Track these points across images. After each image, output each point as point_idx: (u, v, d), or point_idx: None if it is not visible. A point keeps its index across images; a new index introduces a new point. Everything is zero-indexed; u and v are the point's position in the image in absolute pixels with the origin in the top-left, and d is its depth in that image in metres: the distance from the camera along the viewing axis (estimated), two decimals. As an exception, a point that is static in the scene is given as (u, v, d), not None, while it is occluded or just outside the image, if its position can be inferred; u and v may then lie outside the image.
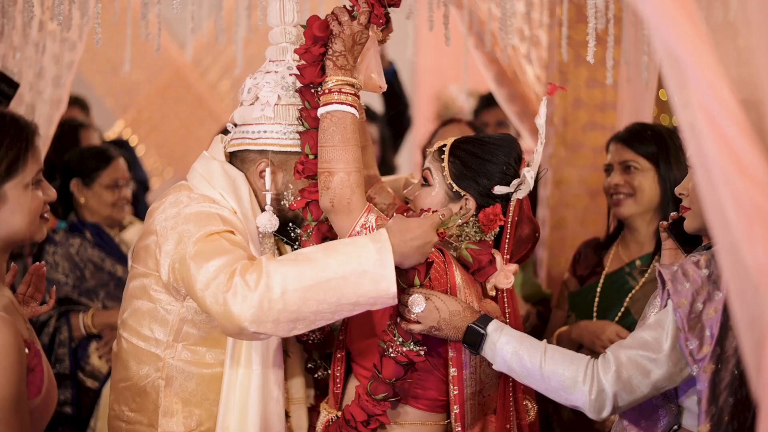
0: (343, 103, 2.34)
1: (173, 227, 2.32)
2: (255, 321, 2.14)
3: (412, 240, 2.22)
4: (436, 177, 2.49)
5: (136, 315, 2.43)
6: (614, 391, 2.15)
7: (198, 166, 2.49)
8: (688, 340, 2.08)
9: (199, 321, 2.38)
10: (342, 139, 2.33)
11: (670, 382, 2.17)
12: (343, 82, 2.36)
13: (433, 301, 2.28)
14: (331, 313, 2.18)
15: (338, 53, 2.36)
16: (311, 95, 2.41)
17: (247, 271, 2.17)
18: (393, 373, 2.33)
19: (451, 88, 7.94)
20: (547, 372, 2.20)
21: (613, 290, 3.19)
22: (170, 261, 2.30)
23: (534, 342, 2.25)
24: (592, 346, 3.08)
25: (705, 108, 1.56)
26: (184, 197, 2.39)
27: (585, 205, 3.99)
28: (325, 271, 2.16)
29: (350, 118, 2.35)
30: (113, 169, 3.90)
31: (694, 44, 1.58)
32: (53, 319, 3.65)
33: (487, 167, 2.45)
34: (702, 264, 2.13)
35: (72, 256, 3.77)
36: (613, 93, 3.94)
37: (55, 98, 3.48)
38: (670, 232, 2.46)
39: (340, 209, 2.32)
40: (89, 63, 6.91)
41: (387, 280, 2.17)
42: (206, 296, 2.18)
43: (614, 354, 2.18)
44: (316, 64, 2.39)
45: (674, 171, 3.07)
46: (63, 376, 3.64)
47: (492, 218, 2.42)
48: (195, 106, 6.83)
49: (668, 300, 2.15)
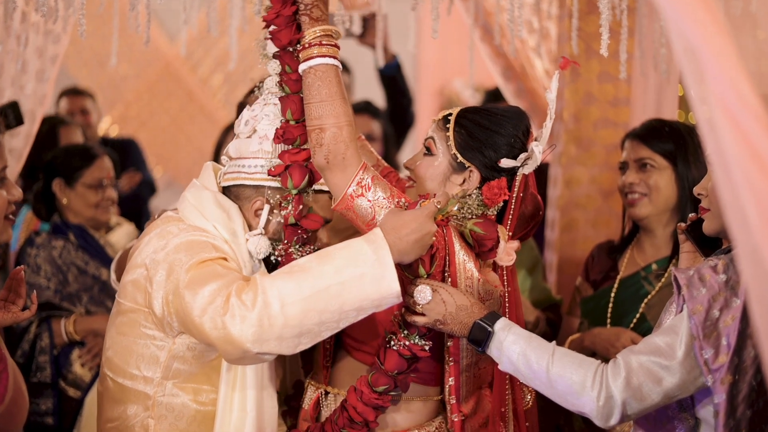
0: (325, 56, 2.36)
1: (164, 258, 2.31)
2: (257, 341, 2.14)
3: (408, 235, 2.23)
4: (440, 146, 2.49)
5: (123, 353, 2.41)
6: (623, 398, 2.15)
7: (189, 195, 2.46)
8: (703, 349, 2.08)
9: (190, 357, 2.37)
10: (329, 93, 2.34)
11: (682, 391, 2.17)
12: (322, 33, 2.37)
13: (440, 293, 2.30)
14: (335, 321, 2.19)
15: (311, 4, 2.38)
16: (291, 57, 2.42)
17: (242, 291, 2.17)
18: (395, 366, 2.35)
19: (456, 83, 7.95)
20: (554, 375, 2.20)
21: (627, 296, 3.19)
22: (163, 293, 2.29)
23: (542, 343, 2.26)
24: (606, 354, 3.08)
25: (724, 103, 1.56)
26: (173, 228, 2.38)
27: (597, 205, 3.99)
28: (323, 279, 2.16)
29: (334, 71, 2.37)
30: (97, 168, 3.89)
31: (712, 37, 1.57)
32: (34, 325, 3.64)
33: (494, 139, 2.46)
34: (719, 269, 2.13)
35: (54, 259, 3.77)
36: (626, 88, 3.93)
37: (39, 93, 3.48)
38: (688, 234, 2.46)
39: (335, 165, 2.33)
40: (74, 56, 6.93)
41: (388, 279, 2.18)
42: (204, 322, 2.18)
43: (625, 359, 2.18)
44: (290, 24, 2.40)
45: (693, 170, 3.07)
46: (44, 385, 3.64)
47: (496, 192, 2.43)
48: (186, 101, 6.84)
49: (683, 305, 2.15)
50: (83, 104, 5.75)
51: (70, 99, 5.79)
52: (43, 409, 3.63)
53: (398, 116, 4.99)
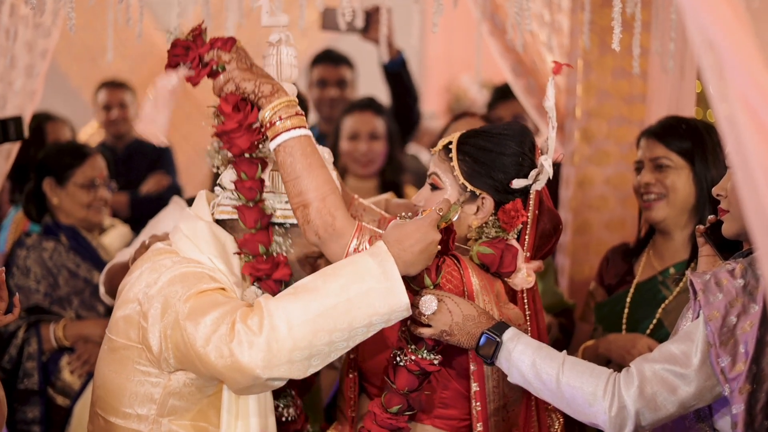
0: (290, 129, 2.30)
1: (158, 292, 2.30)
2: (267, 366, 2.15)
3: (413, 246, 2.23)
4: (446, 179, 2.48)
5: (115, 391, 2.40)
6: (636, 409, 2.15)
7: (183, 226, 2.44)
8: (719, 357, 2.08)
9: (187, 393, 2.36)
10: (303, 166, 2.29)
11: (699, 401, 2.17)
12: (280, 106, 2.31)
13: (446, 303, 2.30)
14: (345, 340, 2.20)
15: (258, 84, 2.32)
16: (247, 163, 2.37)
17: (247, 316, 2.18)
18: (406, 383, 2.34)
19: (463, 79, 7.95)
20: (564, 385, 2.20)
21: (644, 301, 3.19)
22: (160, 328, 2.28)
23: (552, 353, 2.26)
24: (622, 361, 3.08)
25: (745, 100, 1.56)
26: (166, 261, 2.36)
27: (611, 207, 3.99)
28: (329, 298, 2.17)
29: (303, 141, 2.31)
30: (89, 166, 3.90)
31: (732, 30, 1.57)
32: (22, 329, 3.65)
33: (501, 160, 2.46)
34: (737, 273, 2.13)
35: (45, 261, 3.77)
36: (642, 84, 3.93)
37: (28, 89, 3.48)
38: (707, 237, 2.46)
39: (327, 238, 2.30)
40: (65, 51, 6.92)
41: (396, 292, 2.19)
42: (209, 352, 2.19)
43: (638, 368, 2.18)
44: (245, 128, 2.35)
45: (711, 169, 3.06)
46: (31, 392, 3.65)
47: (513, 215, 2.43)
48: (181, 99, 6.82)
49: (699, 311, 2.15)
50: (122, 97, 5.73)
51: (109, 91, 5.76)
52: (30, 418, 3.64)
53: (403, 114, 4.98)
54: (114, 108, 5.71)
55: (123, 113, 5.72)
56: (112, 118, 5.72)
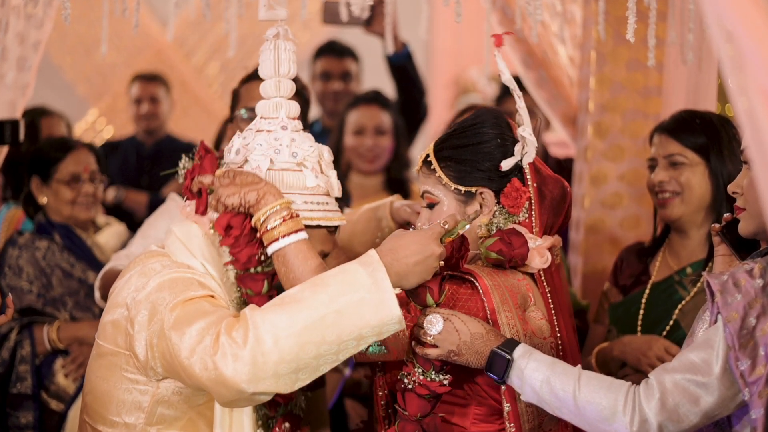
0: (278, 239, 2.29)
1: (146, 297, 2.30)
2: (252, 380, 2.13)
3: (407, 257, 2.22)
4: (439, 192, 2.51)
5: (103, 399, 2.41)
6: (659, 421, 2.15)
7: (177, 229, 2.45)
8: (738, 360, 2.08)
9: (176, 401, 2.37)
10: (299, 274, 2.28)
11: (723, 409, 2.17)
12: (267, 213, 2.30)
13: (453, 321, 2.28)
14: (333, 354, 2.18)
15: (241, 196, 2.31)
16: (251, 279, 2.37)
17: (232, 328, 2.17)
18: (417, 409, 2.32)
19: (472, 72, 7.94)
20: (582, 401, 2.20)
21: (660, 301, 3.19)
22: (146, 335, 2.28)
23: (567, 368, 2.25)
24: (638, 364, 3.08)
25: (765, 93, 1.56)
26: (156, 265, 2.37)
27: (625, 204, 3.99)
28: (318, 309, 2.15)
29: (296, 247, 2.29)
30: (72, 161, 3.87)
31: (752, 21, 1.57)
32: (14, 332, 3.66)
33: (482, 149, 2.49)
34: (756, 273, 2.13)
35: (38, 261, 3.77)
36: (658, 76, 3.93)
37: (20, 83, 3.48)
38: (723, 236, 2.46)
39: None
40: (58, 43, 6.93)
41: (387, 304, 2.16)
42: (193, 363, 2.18)
43: (658, 379, 2.18)
44: (242, 243, 2.35)
45: (727, 165, 3.06)
46: (24, 396, 3.65)
47: (515, 195, 2.45)
48: (179, 92, 6.83)
49: (718, 315, 2.15)
50: (154, 91, 5.71)
51: (142, 84, 5.75)
52: (23, 423, 3.64)
53: (410, 109, 4.98)
54: (144, 102, 5.70)
55: (154, 108, 5.70)
56: (142, 112, 5.70)
